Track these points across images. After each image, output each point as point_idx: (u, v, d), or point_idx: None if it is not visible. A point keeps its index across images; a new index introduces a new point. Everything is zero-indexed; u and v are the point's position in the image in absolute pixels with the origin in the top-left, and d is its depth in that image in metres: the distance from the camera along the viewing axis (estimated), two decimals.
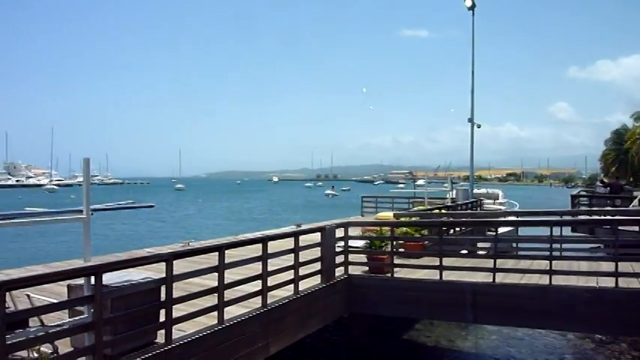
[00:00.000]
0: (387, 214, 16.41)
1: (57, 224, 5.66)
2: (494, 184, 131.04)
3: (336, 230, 9.32)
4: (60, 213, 4.97)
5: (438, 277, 9.15)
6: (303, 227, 13.26)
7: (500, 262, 9.12)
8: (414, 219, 12.40)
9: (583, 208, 20.35)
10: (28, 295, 5.03)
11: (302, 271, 8.17)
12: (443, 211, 15.99)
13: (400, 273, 9.67)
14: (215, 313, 6.27)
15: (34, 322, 4.86)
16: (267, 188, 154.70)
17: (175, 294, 5.66)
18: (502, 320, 9.45)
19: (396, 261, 9.86)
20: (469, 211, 19.52)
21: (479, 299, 8.84)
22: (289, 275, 7.97)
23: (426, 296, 9.22)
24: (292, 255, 8.02)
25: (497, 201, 28.93)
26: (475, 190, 27.80)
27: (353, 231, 10.34)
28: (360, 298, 9.58)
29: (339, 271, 9.41)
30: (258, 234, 14.23)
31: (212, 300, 6.32)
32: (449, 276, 9.23)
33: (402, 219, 12.73)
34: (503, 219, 14.79)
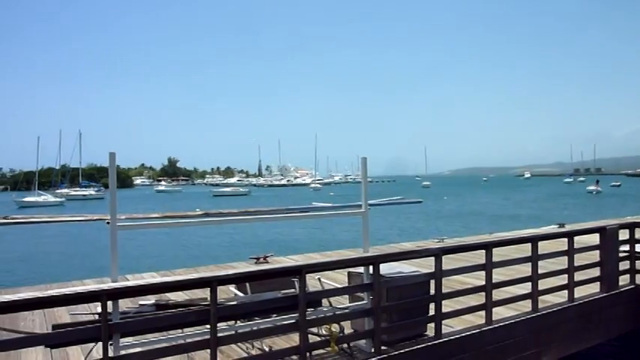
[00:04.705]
0: None
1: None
2: None
3: (619, 232, 8.05)
4: (342, 207, 5.57)
5: None
6: (577, 227, 11.87)
7: None
8: None
9: None
10: (319, 279, 5.79)
11: (577, 276, 7.34)
12: None
13: None
14: (482, 312, 6.14)
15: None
16: (519, 185, 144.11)
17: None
18: None
19: None
20: None
21: None
22: (561, 280, 7.25)
23: None
24: (565, 258, 7.27)
25: None
26: None
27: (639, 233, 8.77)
28: None
29: (622, 280, 8.11)
30: (524, 233, 13.41)
31: (476, 298, 6.22)
32: None
33: None
34: None
